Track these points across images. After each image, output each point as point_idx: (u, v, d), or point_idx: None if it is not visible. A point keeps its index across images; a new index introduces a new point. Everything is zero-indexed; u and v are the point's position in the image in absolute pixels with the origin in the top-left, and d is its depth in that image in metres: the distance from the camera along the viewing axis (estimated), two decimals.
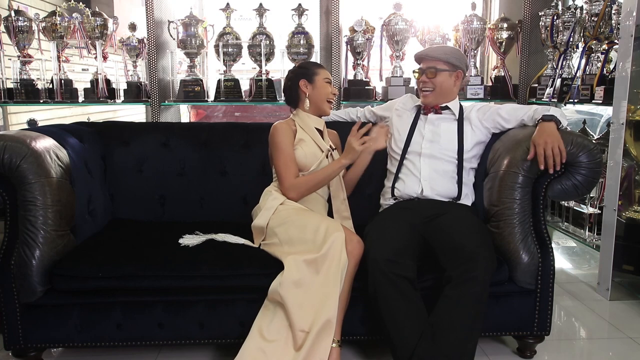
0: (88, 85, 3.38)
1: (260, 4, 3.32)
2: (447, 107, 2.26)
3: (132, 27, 3.42)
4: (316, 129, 2.22)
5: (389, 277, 1.79)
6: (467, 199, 2.18)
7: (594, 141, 2.30)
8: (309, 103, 2.21)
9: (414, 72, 2.34)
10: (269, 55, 3.30)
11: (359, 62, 3.39)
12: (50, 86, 3.26)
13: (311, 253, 1.85)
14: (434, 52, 2.25)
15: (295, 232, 1.93)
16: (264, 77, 3.26)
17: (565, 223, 3.21)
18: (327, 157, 2.17)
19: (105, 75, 3.32)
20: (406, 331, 1.76)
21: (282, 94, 3.30)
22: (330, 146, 2.21)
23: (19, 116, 3.61)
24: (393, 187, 2.23)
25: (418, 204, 2.15)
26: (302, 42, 3.30)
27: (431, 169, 2.18)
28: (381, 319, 1.81)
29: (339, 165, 2.10)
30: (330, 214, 2.20)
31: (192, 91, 3.29)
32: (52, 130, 2.19)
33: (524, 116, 2.15)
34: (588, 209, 3.00)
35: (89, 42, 3.36)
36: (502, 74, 3.46)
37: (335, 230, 1.88)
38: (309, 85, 2.20)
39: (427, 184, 2.16)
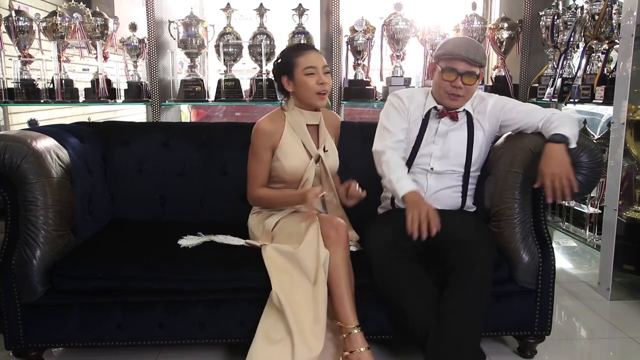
0: (89, 85, 3.39)
1: (261, 4, 3.32)
2: (462, 110, 2.08)
3: (133, 27, 3.42)
4: (310, 125, 2.08)
5: (391, 258, 1.83)
6: (469, 206, 2.15)
7: (594, 141, 2.30)
8: (296, 100, 2.05)
9: (442, 70, 1.99)
10: (270, 55, 3.29)
11: (359, 62, 3.38)
12: (51, 86, 3.26)
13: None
14: (477, 54, 1.96)
15: (283, 240, 1.97)
16: (264, 77, 3.26)
17: (566, 223, 3.21)
18: (316, 162, 2.06)
19: (105, 75, 3.32)
20: (420, 305, 1.81)
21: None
22: (324, 148, 2.09)
23: (20, 116, 3.61)
24: (393, 198, 2.15)
25: None
26: (302, 41, 3.29)
27: (437, 186, 2.09)
28: (392, 301, 1.84)
29: (295, 202, 2.03)
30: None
31: (192, 91, 3.28)
32: (53, 130, 2.19)
33: (539, 122, 1.99)
34: (589, 209, 3.00)
35: (90, 42, 3.35)
36: (503, 74, 3.46)
37: (311, 222, 1.90)
38: (290, 82, 2.01)
39: (430, 201, 2.05)
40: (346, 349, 1.82)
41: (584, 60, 2.98)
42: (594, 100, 2.81)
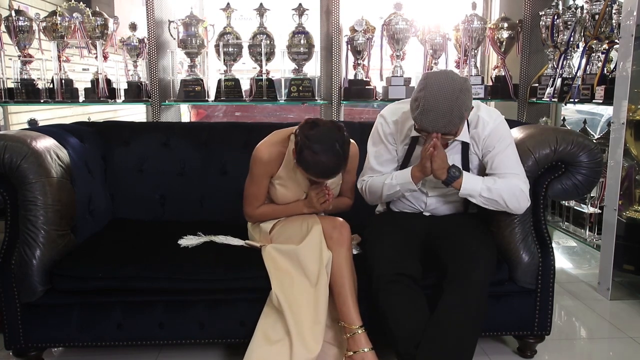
0: (88, 85, 3.39)
1: (261, 4, 3.32)
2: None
3: (133, 26, 3.42)
4: None
5: (393, 277, 1.79)
6: (472, 211, 2.12)
7: (594, 141, 2.30)
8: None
9: (416, 129, 1.87)
10: (270, 55, 3.30)
11: (359, 62, 3.38)
12: (51, 86, 3.26)
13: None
14: (450, 125, 1.76)
15: (283, 242, 1.96)
16: (264, 76, 3.25)
17: (566, 223, 3.21)
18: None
19: (105, 75, 3.32)
20: (407, 325, 1.76)
21: (284, 94, 3.32)
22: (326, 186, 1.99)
23: (20, 116, 3.61)
24: (389, 204, 2.14)
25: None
26: (302, 41, 3.29)
27: (437, 202, 2.06)
28: (383, 316, 1.80)
29: (299, 210, 2.01)
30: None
31: (192, 91, 3.29)
32: (53, 130, 2.19)
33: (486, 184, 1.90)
34: (588, 209, 3.00)
35: (90, 41, 3.35)
36: (503, 74, 3.46)
37: (313, 224, 1.91)
38: (296, 157, 1.86)
39: (430, 212, 2.07)
40: (349, 349, 1.82)
41: (584, 60, 2.98)
42: (594, 100, 2.81)
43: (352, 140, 1.96)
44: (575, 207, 3.13)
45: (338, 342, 1.89)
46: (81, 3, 3.49)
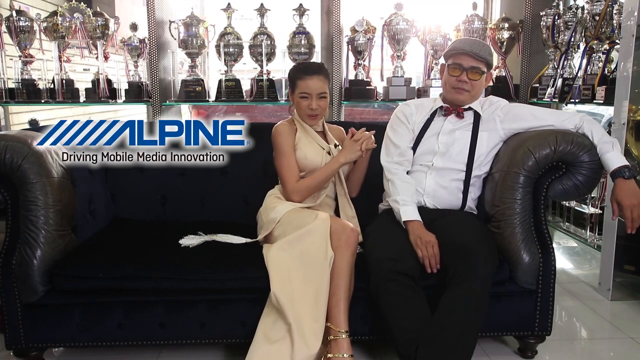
0: (89, 85, 3.39)
1: (262, 4, 3.32)
2: (469, 108, 2.11)
3: (134, 27, 3.42)
4: (316, 131, 2.20)
5: (392, 275, 1.79)
6: (471, 208, 2.14)
7: None
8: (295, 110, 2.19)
9: (449, 66, 2.06)
10: (270, 55, 3.30)
11: (360, 62, 3.38)
12: (52, 86, 3.26)
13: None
14: (483, 50, 2.02)
15: (290, 231, 1.96)
16: (265, 77, 3.26)
17: (567, 223, 3.21)
18: (329, 153, 2.16)
19: (106, 75, 3.32)
20: (407, 325, 1.76)
21: (284, 94, 3.32)
22: (335, 144, 2.19)
23: (21, 116, 3.61)
24: None
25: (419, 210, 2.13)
26: (303, 42, 3.30)
27: (436, 184, 2.09)
28: (383, 316, 1.81)
29: (337, 164, 2.09)
30: (337, 213, 2.21)
31: (193, 91, 3.29)
32: None
33: (568, 124, 2.02)
34: (589, 209, 3.00)
35: (90, 42, 3.36)
36: (504, 74, 3.45)
37: (322, 216, 1.93)
38: (292, 95, 2.18)
39: (429, 199, 2.10)
40: (330, 351, 1.82)
41: (584, 61, 2.98)
42: (594, 101, 2.82)
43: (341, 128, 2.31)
44: (575, 208, 3.13)
45: (324, 340, 1.87)
46: (82, 3, 3.49)
